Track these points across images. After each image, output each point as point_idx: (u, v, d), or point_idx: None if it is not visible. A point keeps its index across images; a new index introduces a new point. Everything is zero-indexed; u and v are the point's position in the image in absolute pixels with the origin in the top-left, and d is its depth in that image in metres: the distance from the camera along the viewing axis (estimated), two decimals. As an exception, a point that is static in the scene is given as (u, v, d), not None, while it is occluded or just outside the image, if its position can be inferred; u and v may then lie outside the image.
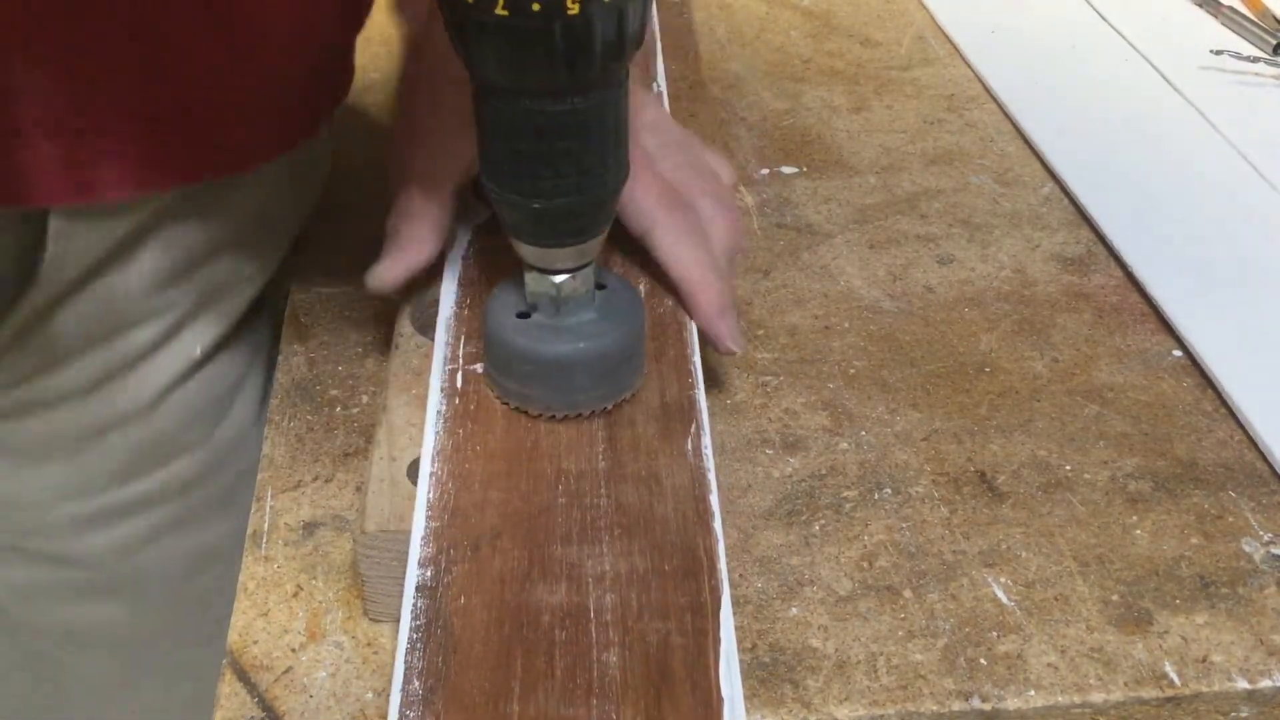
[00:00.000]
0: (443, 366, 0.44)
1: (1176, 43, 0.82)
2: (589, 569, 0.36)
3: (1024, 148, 0.71)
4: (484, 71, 0.37)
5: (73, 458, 0.52)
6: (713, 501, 0.39)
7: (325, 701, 0.40)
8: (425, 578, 0.36)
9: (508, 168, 0.39)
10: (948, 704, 0.40)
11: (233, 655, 0.41)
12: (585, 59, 0.35)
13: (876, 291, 0.59)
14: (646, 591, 0.36)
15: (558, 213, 0.39)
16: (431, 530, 0.38)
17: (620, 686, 0.33)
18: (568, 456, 0.40)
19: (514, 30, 0.35)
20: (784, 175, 0.69)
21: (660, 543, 0.37)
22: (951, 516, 0.47)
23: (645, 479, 0.40)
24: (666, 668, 0.34)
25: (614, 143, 0.39)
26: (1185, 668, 0.41)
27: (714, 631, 0.35)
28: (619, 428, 0.42)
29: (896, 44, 0.84)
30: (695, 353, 0.45)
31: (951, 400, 0.52)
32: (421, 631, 0.34)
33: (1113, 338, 0.56)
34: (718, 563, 0.37)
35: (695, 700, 0.33)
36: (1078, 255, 0.62)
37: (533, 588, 0.36)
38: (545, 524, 0.38)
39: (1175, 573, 0.45)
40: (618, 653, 0.34)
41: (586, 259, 0.42)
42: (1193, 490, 0.48)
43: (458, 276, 0.48)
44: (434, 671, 0.33)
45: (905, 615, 0.43)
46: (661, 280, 0.48)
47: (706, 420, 0.42)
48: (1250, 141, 0.71)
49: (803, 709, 0.40)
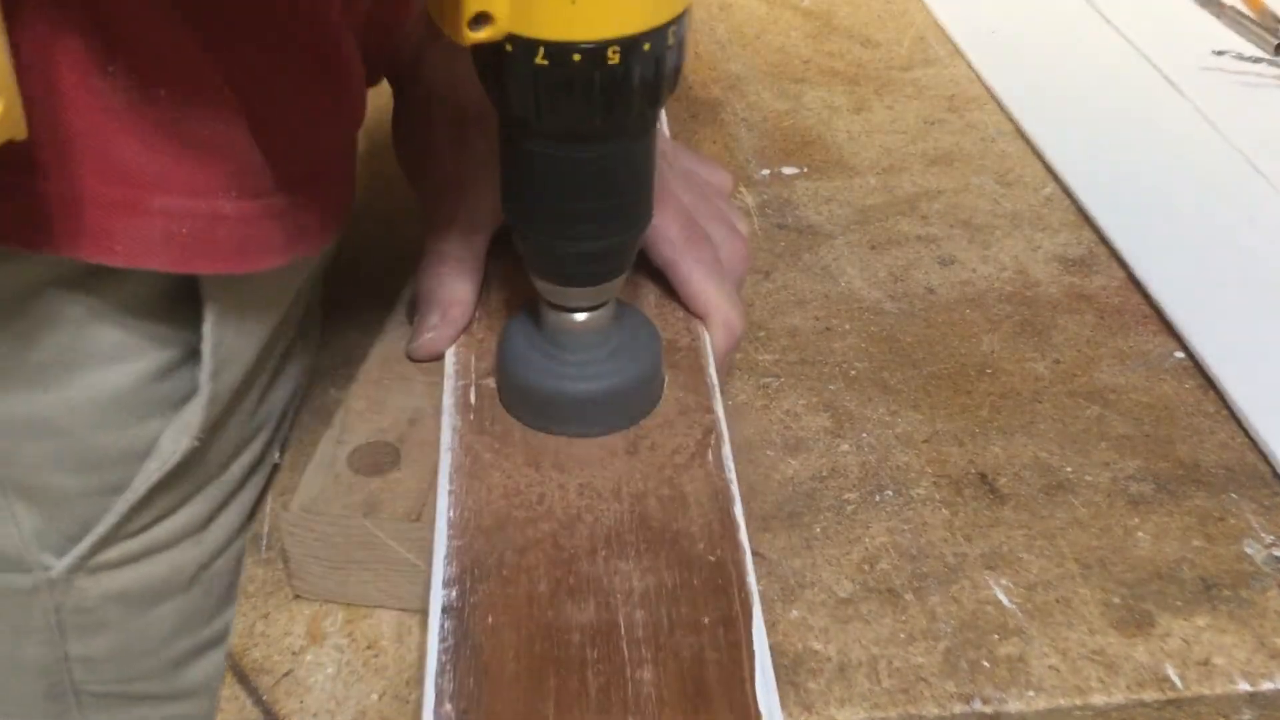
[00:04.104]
0: (455, 382, 0.44)
1: (1178, 43, 0.82)
2: (617, 585, 0.36)
3: (1025, 148, 0.71)
4: (517, 115, 0.36)
5: (185, 593, 0.48)
6: (737, 513, 0.39)
7: (326, 704, 0.40)
8: (450, 598, 0.36)
9: (535, 208, 0.39)
10: (949, 706, 0.40)
11: (233, 658, 0.41)
12: (623, 106, 0.35)
13: (877, 292, 0.59)
14: (676, 606, 0.35)
15: (583, 255, 0.39)
16: (454, 549, 0.37)
17: (656, 704, 0.33)
18: (588, 470, 0.40)
19: (553, 77, 0.34)
20: (784, 176, 0.69)
21: (687, 557, 0.37)
22: (953, 518, 0.47)
23: (668, 493, 0.39)
24: (702, 683, 0.33)
25: (643, 187, 0.39)
26: (1187, 670, 0.41)
27: (747, 645, 0.34)
28: (639, 441, 0.41)
29: (897, 44, 0.84)
30: (710, 365, 0.45)
31: (953, 402, 0.52)
32: (451, 654, 0.34)
33: (1114, 339, 0.56)
34: (746, 575, 0.36)
35: (733, 715, 0.32)
36: (1079, 256, 0.62)
37: (560, 606, 0.35)
38: (569, 540, 0.38)
39: (1177, 575, 0.44)
40: (651, 670, 0.34)
41: (606, 298, 0.41)
42: (1194, 492, 0.48)
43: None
44: (466, 694, 0.33)
45: (906, 618, 0.43)
46: (672, 295, 0.48)
47: (725, 431, 0.42)
48: (1252, 142, 0.70)
49: (804, 712, 0.40)
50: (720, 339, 0.47)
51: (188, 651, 0.49)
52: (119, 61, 0.36)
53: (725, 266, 0.48)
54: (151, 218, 0.38)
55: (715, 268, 0.47)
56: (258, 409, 0.46)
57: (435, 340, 0.46)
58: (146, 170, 0.37)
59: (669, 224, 0.47)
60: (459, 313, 0.46)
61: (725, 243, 0.49)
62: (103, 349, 0.41)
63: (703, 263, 0.47)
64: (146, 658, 0.48)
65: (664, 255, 0.47)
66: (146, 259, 0.38)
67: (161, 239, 0.38)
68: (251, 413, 0.46)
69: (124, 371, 0.42)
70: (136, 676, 0.48)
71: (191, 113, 0.37)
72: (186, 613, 0.48)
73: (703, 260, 0.47)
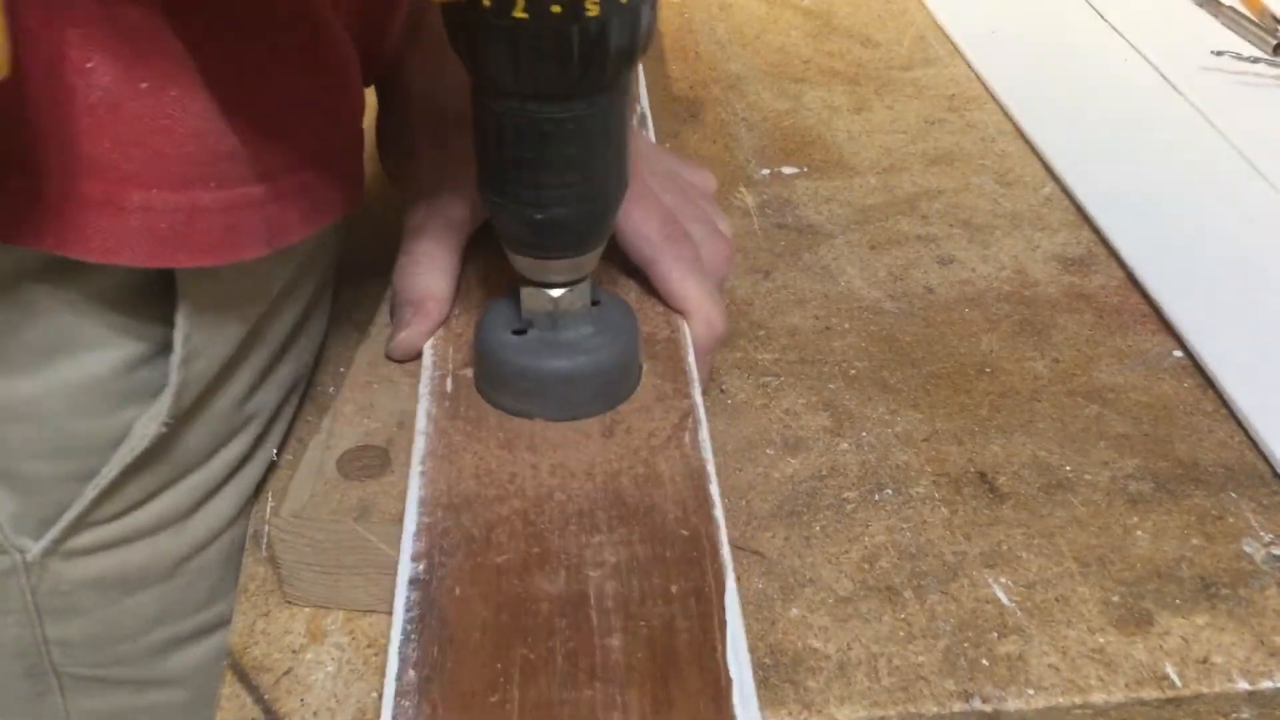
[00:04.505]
0: (432, 373, 0.44)
1: (1177, 43, 0.82)
2: (588, 558, 0.36)
3: (1024, 148, 0.71)
4: (492, 76, 0.36)
5: (168, 581, 0.48)
6: (713, 491, 0.39)
7: (326, 703, 0.40)
8: (418, 571, 0.36)
9: (510, 175, 0.39)
10: (948, 705, 0.40)
11: (233, 656, 0.41)
12: (600, 61, 0.35)
13: (877, 292, 0.59)
14: (648, 578, 0.35)
15: (558, 223, 0.39)
16: (424, 526, 0.37)
17: (624, 670, 0.33)
18: (563, 452, 0.40)
19: (530, 32, 0.34)
20: (784, 175, 0.69)
21: (660, 531, 0.37)
22: (952, 517, 0.47)
23: (643, 471, 0.39)
24: (672, 651, 0.33)
25: (615, 152, 0.39)
26: (1186, 669, 0.41)
27: (719, 614, 0.34)
28: (615, 425, 0.41)
29: (897, 44, 0.84)
30: (690, 355, 0.45)
31: (952, 401, 0.52)
32: (415, 623, 0.34)
33: (1113, 338, 0.56)
34: (720, 548, 0.37)
35: (703, 681, 0.32)
36: (1078, 256, 0.62)
37: (530, 578, 0.35)
38: (541, 517, 0.38)
39: (1176, 573, 0.44)
40: (620, 638, 0.34)
41: (583, 272, 0.41)
42: (1193, 491, 0.48)
43: None
44: (429, 662, 0.33)
45: (906, 616, 0.43)
46: (653, 292, 0.48)
47: (703, 414, 0.42)
48: (1251, 142, 0.71)
49: (803, 710, 0.40)
50: (701, 336, 0.47)
51: (169, 641, 0.49)
52: (97, 58, 0.36)
53: (707, 266, 0.48)
54: (129, 213, 0.38)
55: (695, 266, 0.47)
56: (244, 403, 0.46)
57: (411, 337, 0.46)
58: (123, 165, 0.37)
59: (648, 223, 0.47)
60: (434, 309, 0.46)
61: (706, 242, 0.49)
62: (80, 338, 0.41)
63: (683, 260, 0.47)
64: (124, 644, 0.48)
65: (644, 254, 0.47)
66: (124, 254, 0.38)
67: (139, 233, 0.38)
68: (236, 407, 0.46)
69: (100, 360, 0.42)
70: (114, 661, 0.48)
71: (169, 106, 0.37)
72: (167, 602, 0.48)
73: (682, 258, 0.47)
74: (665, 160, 0.54)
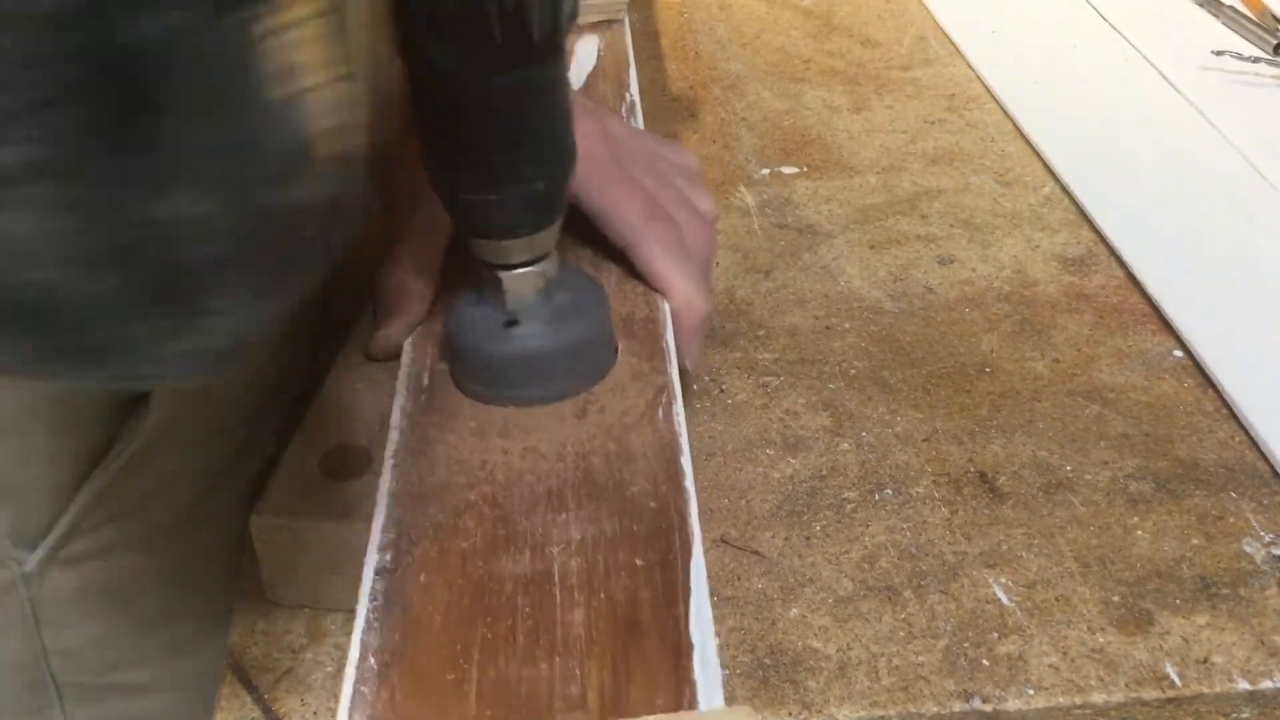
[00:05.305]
0: (409, 369, 0.44)
1: (1177, 43, 0.82)
2: (554, 537, 0.36)
3: (1024, 148, 0.71)
4: (430, 55, 0.37)
5: (165, 588, 0.48)
6: (684, 463, 0.38)
7: (326, 702, 0.40)
8: (384, 561, 0.36)
9: (459, 160, 0.39)
10: (948, 705, 0.40)
11: (233, 656, 0.41)
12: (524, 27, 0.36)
13: (877, 292, 0.59)
14: (614, 553, 0.35)
15: (511, 203, 0.39)
16: (393, 517, 0.37)
17: (585, 643, 0.33)
18: (535, 435, 0.40)
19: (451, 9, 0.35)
20: (784, 175, 0.69)
21: (629, 507, 0.37)
22: (952, 517, 0.47)
23: (614, 449, 0.39)
24: (634, 621, 0.33)
25: (557, 122, 0.39)
26: (1186, 668, 0.41)
27: (684, 582, 0.34)
28: (589, 406, 0.41)
29: (897, 44, 0.84)
30: (668, 333, 0.45)
31: (952, 401, 0.52)
32: (379, 612, 0.34)
33: (1113, 338, 0.56)
34: (689, 518, 0.36)
35: (664, 649, 0.32)
36: (1078, 255, 0.62)
37: (495, 560, 0.35)
38: (510, 500, 0.38)
39: (1176, 573, 0.44)
40: (583, 612, 0.34)
41: (541, 251, 0.41)
42: (1194, 491, 0.48)
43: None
44: (391, 648, 0.33)
45: (906, 616, 0.43)
46: (635, 274, 0.47)
47: (679, 391, 0.42)
48: (1251, 141, 0.70)
49: (803, 710, 0.40)
50: (684, 319, 0.46)
51: (169, 645, 0.49)
52: None
53: (690, 249, 0.48)
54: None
55: (677, 248, 0.47)
56: (231, 406, 0.46)
57: (390, 336, 0.46)
58: None
59: (628, 206, 0.46)
60: (414, 308, 0.46)
61: (689, 224, 0.48)
62: None
63: (663, 242, 0.46)
64: (125, 650, 0.48)
65: (624, 237, 0.47)
66: None
67: None
68: (223, 409, 0.46)
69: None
70: (116, 668, 0.48)
71: None
72: (167, 607, 0.48)
73: (663, 241, 0.46)
74: (646, 142, 0.53)
